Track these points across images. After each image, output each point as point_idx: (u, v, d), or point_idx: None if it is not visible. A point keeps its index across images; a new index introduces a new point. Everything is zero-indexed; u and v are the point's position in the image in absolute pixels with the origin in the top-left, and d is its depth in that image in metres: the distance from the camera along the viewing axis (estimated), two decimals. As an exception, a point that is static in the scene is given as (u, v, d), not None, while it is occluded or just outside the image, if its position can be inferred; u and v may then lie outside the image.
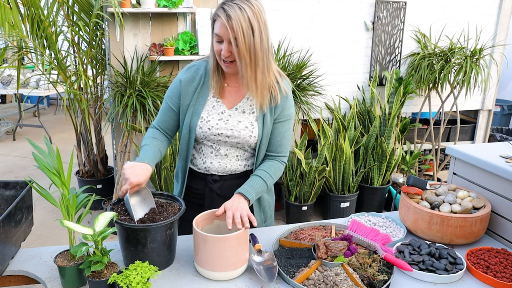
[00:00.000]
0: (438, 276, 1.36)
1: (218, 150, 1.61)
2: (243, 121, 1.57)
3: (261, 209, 1.71)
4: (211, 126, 1.57)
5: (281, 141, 1.61)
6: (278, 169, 1.61)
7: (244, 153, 1.63)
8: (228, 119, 1.57)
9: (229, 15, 1.38)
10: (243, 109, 1.58)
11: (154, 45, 3.34)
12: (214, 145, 1.61)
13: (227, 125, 1.56)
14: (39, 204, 3.85)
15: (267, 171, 1.58)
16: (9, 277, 1.42)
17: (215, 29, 1.44)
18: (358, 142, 3.65)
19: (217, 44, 1.45)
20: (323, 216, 3.79)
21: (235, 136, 1.57)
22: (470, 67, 3.53)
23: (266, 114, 1.57)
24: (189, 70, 1.61)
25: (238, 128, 1.56)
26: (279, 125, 1.59)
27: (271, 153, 1.63)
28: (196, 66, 1.61)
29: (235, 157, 1.62)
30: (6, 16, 2.99)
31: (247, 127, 1.56)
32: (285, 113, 1.59)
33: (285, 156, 1.64)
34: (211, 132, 1.57)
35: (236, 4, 1.39)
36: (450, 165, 1.90)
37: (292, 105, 1.62)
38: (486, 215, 1.56)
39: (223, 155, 1.62)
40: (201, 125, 1.57)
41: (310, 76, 3.44)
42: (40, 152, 1.37)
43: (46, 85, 5.06)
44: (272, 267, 1.35)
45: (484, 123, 4.36)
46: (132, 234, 1.33)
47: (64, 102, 3.62)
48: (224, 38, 1.42)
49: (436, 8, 3.83)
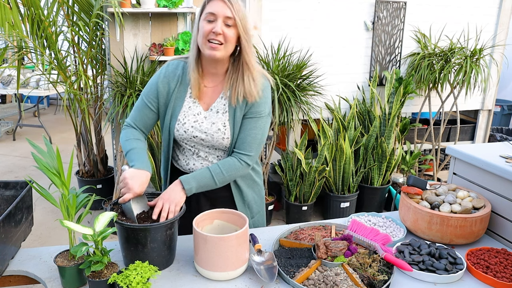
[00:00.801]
0: (438, 276, 1.36)
1: (198, 153, 1.62)
2: (217, 122, 1.55)
3: (246, 205, 1.70)
4: (186, 129, 1.56)
5: (245, 138, 1.54)
6: (233, 166, 1.53)
7: (224, 153, 1.62)
8: (203, 121, 1.56)
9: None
10: (217, 109, 1.57)
11: (154, 45, 3.34)
12: (193, 148, 1.62)
13: (201, 127, 1.56)
14: (39, 204, 3.85)
15: (220, 166, 1.53)
16: (9, 277, 1.42)
17: (210, 8, 1.42)
18: (358, 142, 3.65)
19: (208, 24, 1.43)
20: (323, 216, 3.79)
21: (209, 139, 1.57)
22: (470, 67, 3.53)
23: (236, 110, 1.54)
24: (167, 70, 1.59)
25: (211, 131, 1.55)
26: (245, 121, 1.55)
27: (234, 149, 1.57)
28: (174, 65, 1.60)
29: (216, 158, 1.62)
30: (6, 16, 2.98)
31: (220, 129, 1.55)
32: (254, 110, 1.54)
33: (247, 155, 1.54)
34: (187, 135, 1.57)
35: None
36: (450, 165, 1.90)
37: (265, 102, 1.55)
38: (486, 215, 1.56)
39: (204, 157, 1.62)
40: (178, 127, 1.57)
41: (310, 76, 3.43)
42: (40, 152, 1.37)
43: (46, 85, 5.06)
44: (272, 267, 1.35)
45: (484, 123, 4.36)
46: (132, 234, 1.33)
47: (64, 102, 3.62)
48: (219, 15, 1.42)
49: (436, 8, 3.83)
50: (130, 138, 1.58)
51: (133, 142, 1.56)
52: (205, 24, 1.43)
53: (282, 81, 3.21)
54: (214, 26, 1.42)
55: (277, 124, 3.28)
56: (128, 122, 1.63)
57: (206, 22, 1.43)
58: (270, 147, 3.54)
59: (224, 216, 1.47)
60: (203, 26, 1.44)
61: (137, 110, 1.62)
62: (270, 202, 3.58)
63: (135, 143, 1.56)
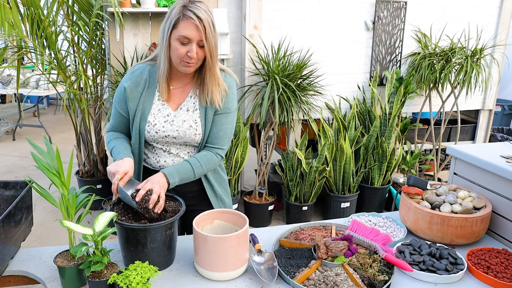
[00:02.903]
0: (438, 277, 1.35)
1: (169, 151, 1.65)
2: (188, 119, 1.60)
3: (218, 199, 1.75)
4: (158, 129, 1.60)
5: (218, 133, 1.62)
6: (211, 160, 1.62)
7: (194, 149, 1.67)
8: (173, 120, 1.60)
9: (200, 17, 1.43)
10: (187, 108, 1.61)
11: (154, 45, 3.34)
12: (164, 146, 1.65)
13: (172, 126, 1.60)
14: (39, 204, 3.85)
15: (199, 160, 1.60)
16: (9, 277, 1.42)
17: (182, 30, 1.44)
18: (358, 142, 3.65)
19: (182, 47, 1.46)
20: (323, 216, 3.79)
21: (181, 136, 1.61)
22: (471, 67, 3.53)
23: (208, 109, 1.60)
24: (133, 75, 1.62)
25: (183, 128, 1.60)
26: (217, 117, 1.62)
27: (207, 144, 1.64)
28: (140, 69, 1.62)
29: (186, 154, 1.66)
30: (6, 16, 2.98)
31: (191, 125, 1.60)
32: (225, 106, 1.61)
33: (221, 149, 1.65)
34: (158, 135, 1.61)
35: (199, 7, 1.44)
36: (450, 165, 1.90)
37: (233, 98, 1.64)
38: (487, 215, 1.56)
39: (175, 154, 1.65)
40: (148, 129, 1.60)
41: (310, 76, 3.43)
42: (40, 152, 1.36)
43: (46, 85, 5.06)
44: (272, 267, 1.35)
45: (485, 123, 4.36)
46: (132, 234, 1.32)
47: (64, 102, 3.62)
48: (193, 39, 1.45)
49: (436, 7, 3.83)
50: (111, 140, 1.66)
51: (112, 142, 1.64)
52: (178, 45, 1.46)
53: (282, 81, 3.21)
54: (188, 50, 1.46)
55: (277, 124, 3.27)
56: (108, 128, 1.72)
57: (180, 44, 1.46)
58: (270, 147, 3.53)
59: (224, 216, 1.47)
60: (177, 48, 1.46)
61: (112, 118, 1.69)
62: (270, 202, 3.58)
63: (114, 141, 1.64)
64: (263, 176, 3.59)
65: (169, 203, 1.50)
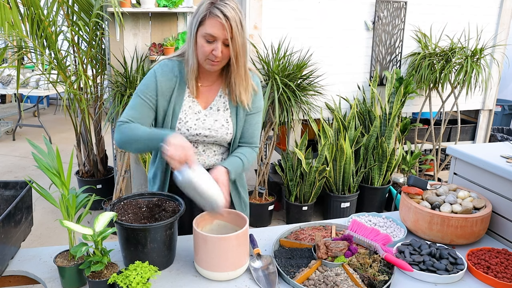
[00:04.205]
0: (438, 277, 1.35)
1: (196, 148, 1.64)
2: (219, 119, 1.60)
3: (241, 200, 1.75)
4: (189, 127, 1.58)
5: (253, 132, 1.66)
6: (254, 156, 1.68)
7: (220, 148, 1.67)
8: (205, 119, 1.59)
9: (227, 16, 1.39)
10: (218, 107, 1.61)
11: (154, 45, 3.34)
12: (192, 143, 1.62)
13: (204, 125, 1.59)
14: (39, 204, 3.85)
15: (246, 155, 1.63)
16: (9, 277, 1.42)
17: (208, 28, 1.41)
18: (358, 142, 3.65)
19: (207, 45, 1.43)
20: (323, 216, 3.79)
21: (213, 135, 1.60)
22: (471, 67, 3.53)
23: (238, 109, 1.61)
24: (164, 69, 1.56)
25: (215, 127, 1.59)
26: (250, 117, 1.64)
27: (245, 144, 1.67)
28: (170, 65, 1.58)
29: (212, 152, 1.66)
30: (6, 16, 2.98)
31: (223, 125, 1.60)
32: (255, 106, 1.63)
33: (257, 146, 1.70)
34: (189, 133, 1.58)
35: (228, 4, 1.41)
36: (450, 165, 1.90)
37: (261, 98, 1.67)
38: (487, 215, 1.56)
39: (201, 152, 1.64)
40: (179, 126, 1.58)
41: (310, 76, 3.43)
42: (40, 152, 1.36)
43: (46, 85, 5.06)
44: (271, 272, 1.36)
45: (485, 123, 4.36)
46: (132, 234, 1.32)
47: (64, 102, 3.62)
48: (219, 38, 1.42)
49: (436, 8, 3.83)
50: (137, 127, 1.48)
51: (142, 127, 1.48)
52: (204, 43, 1.44)
53: (282, 81, 3.21)
54: (213, 48, 1.43)
55: (277, 124, 3.27)
56: (122, 120, 1.51)
57: (205, 42, 1.44)
58: (270, 147, 3.53)
59: (224, 216, 1.47)
60: (203, 45, 1.44)
61: (133, 108, 1.53)
62: (271, 202, 3.58)
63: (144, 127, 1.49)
64: (263, 176, 3.59)
65: (169, 203, 1.50)
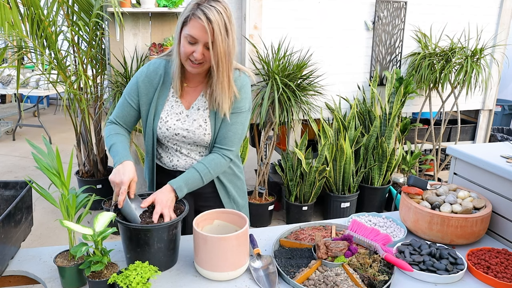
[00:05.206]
0: (438, 277, 1.35)
1: (180, 150, 1.63)
2: (198, 119, 1.58)
3: (231, 200, 1.73)
4: (169, 126, 1.58)
5: (227, 133, 1.57)
6: (219, 164, 1.58)
7: (205, 149, 1.64)
8: (185, 119, 1.58)
9: (209, 19, 1.37)
10: (198, 107, 1.59)
11: (154, 45, 3.34)
12: (175, 146, 1.63)
13: (183, 125, 1.58)
14: (39, 204, 3.85)
15: (207, 166, 1.56)
16: (9, 277, 1.42)
17: (189, 29, 1.40)
18: (358, 142, 3.65)
19: (188, 46, 1.43)
20: (323, 216, 3.79)
21: (190, 136, 1.58)
22: (471, 67, 3.53)
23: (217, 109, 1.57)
24: (148, 69, 1.59)
25: (193, 127, 1.57)
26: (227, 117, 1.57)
27: (216, 145, 1.59)
28: (156, 64, 1.59)
29: (198, 154, 1.64)
30: (6, 16, 2.98)
31: (201, 125, 1.57)
32: (234, 106, 1.56)
33: (229, 150, 1.58)
34: (169, 132, 1.58)
35: (213, 7, 1.38)
36: (450, 165, 1.90)
37: (245, 98, 1.58)
38: (487, 215, 1.56)
39: (186, 154, 1.64)
40: (160, 125, 1.58)
41: (310, 76, 3.43)
42: (40, 152, 1.36)
43: (46, 85, 5.06)
44: (271, 272, 1.36)
45: (485, 123, 4.36)
46: (138, 234, 1.32)
47: (64, 102, 3.62)
48: (200, 40, 1.41)
49: (436, 8, 3.83)
50: (111, 134, 1.60)
51: (113, 137, 1.58)
52: (186, 43, 1.43)
53: (282, 81, 3.21)
54: (194, 50, 1.42)
55: (277, 124, 3.27)
56: (110, 119, 1.65)
57: (187, 42, 1.43)
58: (270, 147, 3.53)
59: (224, 216, 1.47)
60: (184, 45, 1.44)
61: (119, 107, 1.63)
62: (270, 202, 3.58)
63: (115, 137, 1.58)
64: (263, 176, 3.59)
65: None
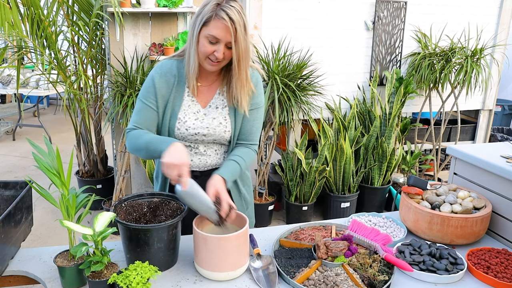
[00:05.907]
0: (438, 277, 1.35)
1: (197, 148, 1.63)
2: (217, 117, 1.59)
3: (242, 198, 1.74)
4: (188, 126, 1.57)
5: (251, 129, 1.63)
6: (251, 156, 1.64)
7: (221, 147, 1.66)
8: (203, 118, 1.58)
9: (232, 19, 1.39)
10: (216, 105, 1.60)
11: (154, 45, 3.34)
12: (192, 144, 1.62)
13: (202, 124, 1.58)
14: (39, 204, 3.85)
15: (245, 159, 1.59)
16: (9, 277, 1.42)
17: (212, 30, 1.41)
18: (358, 142, 3.65)
19: (209, 45, 1.43)
20: (323, 216, 3.79)
21: (211, 134, 1.59)
22: (471, 67, 3.53)
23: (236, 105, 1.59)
24: (162, 70, 1.58)
25: (213, 125, 1.58)
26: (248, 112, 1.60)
27: (242, 141, 1.63)
28: (168, 65, 1.59)
29: (214, 152, 1.65)
30: (6, 16, 2.98)
31: (221, 123, 1.59)
32: (253, 102, 1.60)
33: (255, 144, 1.66)
34: (188, 132, 1.58)
35: (233, 7, 1.40)
36: (450, 165, 1.90)
37: (261, 93, 1.63)
38: (487, 215, 1.56)
39: (202, 152, 1.64)
40: (178, 126, 1.57)
41: (310, 76, 3.43)
42: (40, 152, 1.36)
43: (46, 85, 5.06)
44: (271, 272, 1.36)
45: (485, 123, 4.36)
46: (138, 234, 1.32)
47: (64, 102, 3.62)
48: (222, 40, 1.42)
49: (436, 8, 3.83)
50: (139, 135, 1.52)
51: (144, 136, 1.51)
52: (206, 43, 1.44)
53: (282, 81, 3.21)
54: (215, 49, 1.43)
55: (277, 124, 3.27)
56: (129, 127, 1.57)
57: (208, 42, 1.43)
58: (270, 147, 3.53)
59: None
60: (205, 45, 1.44)
61: (137, 114, 1.57)
62: (271, 202, 3.58)
63: (146, 135, 1.52)
64: (263, 176, 3.59)
65: (171, 203, 1.50)
